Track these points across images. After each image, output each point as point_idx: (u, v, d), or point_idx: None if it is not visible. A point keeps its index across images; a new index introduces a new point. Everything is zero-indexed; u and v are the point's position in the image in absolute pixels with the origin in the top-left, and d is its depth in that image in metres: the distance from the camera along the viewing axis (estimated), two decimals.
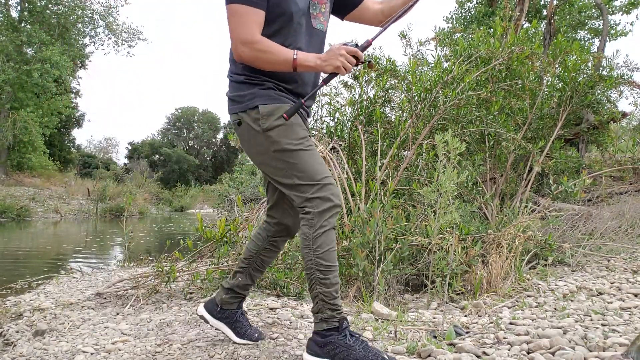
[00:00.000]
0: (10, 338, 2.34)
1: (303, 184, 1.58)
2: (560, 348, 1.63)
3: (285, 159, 1.59)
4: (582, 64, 4.47)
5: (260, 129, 1.60)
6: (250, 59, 1.58)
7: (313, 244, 1.57)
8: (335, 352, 1.54)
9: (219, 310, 1.88)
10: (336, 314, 1.58)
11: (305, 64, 1.55)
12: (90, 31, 23.56)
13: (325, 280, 1.57)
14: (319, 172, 1.59)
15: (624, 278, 2.83)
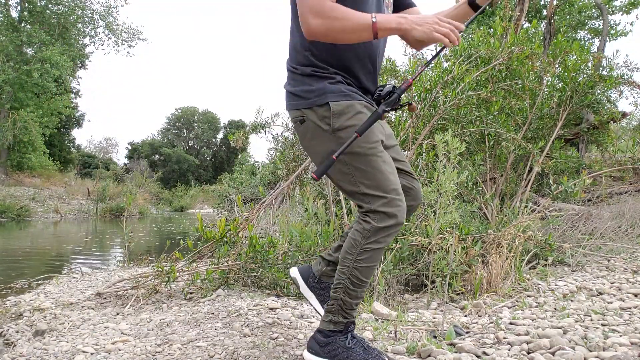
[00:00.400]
0: (10, 338, 2.34)
1: (370, 194, 1.45)
2: (560, 348, 1.63)
3: (354, 164, 1.45)
4: (582, 64, 4.47)
5: (329, 128, 1.45)
6: (322, 31, 1.36)
7: (359, 255, 1.48)
8: (335, 352, 1.52)
9: (317, 281, 1.74)
10: (345, 320, 1.55)
11: (387, 27, 1.34)
12: (90, 31, 23.58)
13: (353, 293, 1.51)
14: (390, 183, 1.45)
15: (624, 278, 2.83)
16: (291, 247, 3.18)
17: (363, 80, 1.54)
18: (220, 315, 2.33)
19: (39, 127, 20.99)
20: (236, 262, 2.96)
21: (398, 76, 4.52)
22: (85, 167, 31.95)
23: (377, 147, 1.47)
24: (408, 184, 1.65)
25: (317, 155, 1.53)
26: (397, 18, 1.35)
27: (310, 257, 3.11)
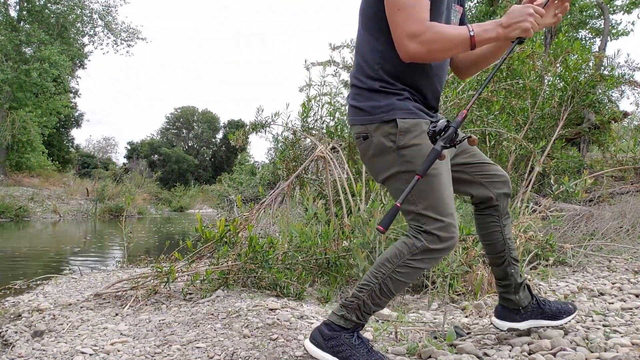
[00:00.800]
0: (9, 339, 2.33)
1: (427, 215, 1.43)
2: (562, 349, 1.62)
3: (418, 184, 1.40)
4: (584, 64, 4.47)
5: (393, 145, 1.44)
6: (423, 54, 1.37)
7: (398, 266, 1.46)
8: (338, 349, 1.50)
9: (523, 311, 1.75)
10: (357, 321, 1.53)
11: (487, 37, 1.33)
12: (89, 30, 23.58)
13: (377, 299, 1.50)
14: (448, 207, 1.43)
15: (626, 278, 2.82)
16: (291, 247, 3.17)
17: (429, 98, 1.54)
18: (219, 316, 2.32)
19: (37, 126, 20.98)
20: (236, 262, 2.94)
21: None
22: (84, 167, 31.95)
23: (439, 168, 1.44)
24: (491, 172, 1.65)
25: (377, 173, 1.52)
26: (493, 27, 1.35)
27: (310, 257, 3.10)
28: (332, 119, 4.39)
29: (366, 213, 3.02)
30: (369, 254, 2.76)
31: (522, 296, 1.73)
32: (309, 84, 4.45)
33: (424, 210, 1.43)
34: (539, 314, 1.75)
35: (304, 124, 4.37)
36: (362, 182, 3.45)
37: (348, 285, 2.90)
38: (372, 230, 2.76)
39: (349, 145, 4.21)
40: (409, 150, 1.43)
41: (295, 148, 4.66)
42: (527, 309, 1.75)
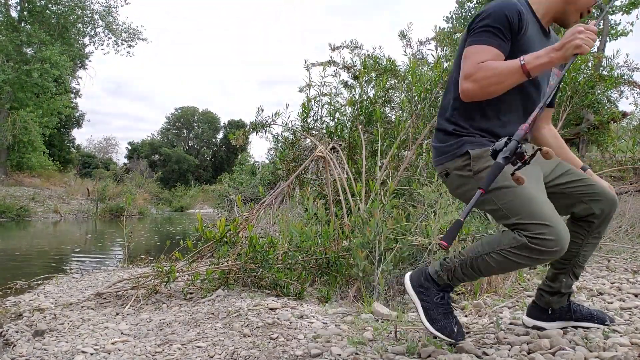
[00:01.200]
0: (10, 338, 2.33)
1: (525, 223, 1.43)
2: (561, 348, 1.63)
3: (503, 199, 1.46)
4: (583, 64, 4.48)
5: (470, 173, 1.54)
6: (477, 91, 1.46)
7: (495, 252, 1.49)
8: (422, 296, 1.66)
9: (551, 313, 1.82)
10: (447, 282, 1.64)
11: (539, 64, 1.38)
12: (90, 31, 23.57)
13: (465, 271, 1.59)
14: (545, 211, 1.42)
15: (624, 278, 2.83)
16: (291, 247, 3.18)
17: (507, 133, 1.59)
18: (220, 315, 2.33)
19: (38, 127, 20.98)
20: (236, 262, 2.95)
21: (398, 76, 4.51)
22: (85, 167, 31.97)
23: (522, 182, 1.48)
24: (596, 190, 1.66)
25: (468, 201, 1.55)
26: (546, 53, 1.38)
27: (310, 256, 3.11)
28: (332, 119, 4.39)
29: (366, 213, 3.03)
30: (368, 253, 2.77)
31: (555, 300, 1.80)
32: (309, 84, 4.46)
33: (520, 219, 1.44)
34: (567, 317, 1.81)
35: (304, 124, 4.38)
36: (361, 182, 3.46)
37: (348, 285, 2.91)
38: (372, 230, 2.77)
39: (348, 145, 4.22)
40: (485, 173, 1.48)
41: (295, 148, 4.66)
42: (556, 312, 1.81)
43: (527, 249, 1.42)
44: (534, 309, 1.86)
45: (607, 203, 1.67)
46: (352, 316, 2.28)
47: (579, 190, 1.66)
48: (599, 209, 1.67)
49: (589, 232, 1.72)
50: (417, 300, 1.69)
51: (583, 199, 1.67)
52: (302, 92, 4.65)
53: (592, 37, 1.38)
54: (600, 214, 1.68)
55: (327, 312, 2.40)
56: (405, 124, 3.92)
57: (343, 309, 2.46)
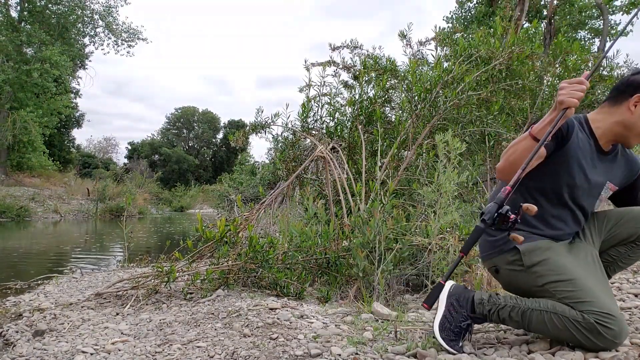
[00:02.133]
0: (10, 338, 2.33)
1: (582, 301, 1.49)
2: (561, 348, 1.63)
3: (559, 288, 1.54)
4: (583, 64, 4.47)
5: (523, 267, 1.61)
6: (502, 165, 1.58)
7: (555, 315, 1.52)
8: (451, 309, 1.69)
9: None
10: (484, 314, 1.66)
11: (542, 126, 1.49)
12: (90, 31, 23.57)
13: (512, 314, 1.60)
14: (606, 302, 1.48)
15: (624, 278, 2.83)
16: (291, 247, 3.18)
17: (549, 234, 1.66)
18: (220, 315, 2.33)
19: (38, 127, 20.97)
20: (236, 262, 2.95)
21: (398, 76, 4.51)
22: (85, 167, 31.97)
23: (574, 266, 1.56)
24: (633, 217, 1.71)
25: (528, 290, 1.64)
26: (549, 113, 1.49)
27: (310, 256, 3.11)
28: (331, 119, 4.39)
29: (366, 213, 3.03)
30: (368, 253, 2.77)
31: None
32: (309, 84, 4.46)
33: (578, 298, 1.50)
34: None
35: (304, 124, 4.38)
36: (361, 182, 3.46)
37: (348, 285, 2.91)
38: (372, 230, 2.77)
39: (348, 145, 4.22)
40: (539, 267, 1.59)
41: (295, 148, 4.66)
42: None
43: (593, 331, 1.46)
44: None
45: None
46: (352, 316, 2.28)
47: (623, 227, 1.72)
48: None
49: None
50: (443, 308, 1.70)
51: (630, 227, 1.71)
52: (302, 92, 4.66)
53: (576, 89, 1.45)
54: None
55: (327, 312, 2.40)
56: (405, 124, 3.92)
57: (343, 309, 2.46)
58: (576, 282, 1.53)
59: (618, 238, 1.75)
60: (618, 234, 1.74)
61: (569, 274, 1.54)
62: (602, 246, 1.76)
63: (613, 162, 1.71)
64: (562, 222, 1.68)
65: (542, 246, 1.61)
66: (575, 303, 1.50)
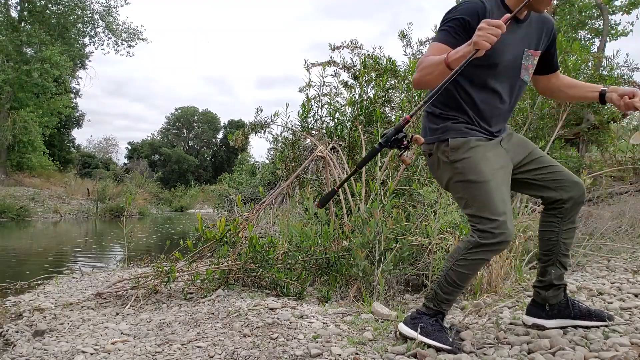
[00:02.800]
0: (10, 338, 2.33)
1: (479, 216, 1.66)
2: (561, 348, 1.63)
3: (467, 190, 1.69)
4: (583, 64, 4.48)
5: (448, 160, 1.72)
6: (418, 81, 1.66)
7: (458, 260, 1.71)
8: (415, 321, 1.78)
9: (549, 309, 1.87)
10: (436, 309, 1.77)
11: (456, 57, 1.53)
12: (90, 31, 23.54)
13: (445, 289, 1.74)
14: (499, 208, 1.64)
15: (624, 278, 2.83)
16: (291, 247, 3.18)
17: (481, 124, 1.74)
18: (220, 315, 2.33)
19: (38, 127, 20.98)
20: (236, 262, 2.95)
21: (398, 76, 4.51)
22: (85, 167, 31.92)
23: (487, 174, 1.67)
24: (562, 177, 1.79)
25: (442, 182, 1.81)
26: (464, 46, 1.52)
27: (310, 256, 3.11)
28: (331, 119, 4.39)
29: (366, 213, 3.03)
30: (368, 253, 2.77)
31: (550, 294, 1.85)
32: (309, 84, 4.46)
33: (477, 212, 1.67)
34: (566, 314, 1.84)
35: (304, 124, 4.38)
36: (362, 182, 3.46)
37: (348, 285, 2.90)
38: (372, 230, 2.77)
39: (348, 145, 4.22)
40: (460, 164, 1.70)
41: (295, 148, 4.66)
42: (554, 308, 1.85)
43: (480, 245, 1.65)
44: (532, 307, 1.91)
45: (574, 189, 1.79)
46: (352, 316, 2.28)
47: (547, 178, 1.80)
48: (568, 195, 1.78)
49: (562, 218, 1.81)
50: (411, 330, 1.78)
51: (551, 186, 1.79)
52: (302, 92, 4.65)
53: (492, 32, 1.45)
54: (569, 200, 1.79)
55: (327, 312, 2.40)
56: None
57: (343, 309, 2.46)
58: (480, 187, 1.66)
59: (535, 185, 1.82)
60: (537, 180, 1.80)
61: (482, 178, 1.66)
62: (517, 170, 1.80)
63: (529, 27, 1.74)
64: (490, 107, 1.73)
65: (470, 145, 1.69)
66: (475, 208, 1.66)
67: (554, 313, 1.85)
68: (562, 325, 1.84)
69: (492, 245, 1.64)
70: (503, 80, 1.73)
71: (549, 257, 1.84)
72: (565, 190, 1.78)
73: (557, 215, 1.81)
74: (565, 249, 1.83)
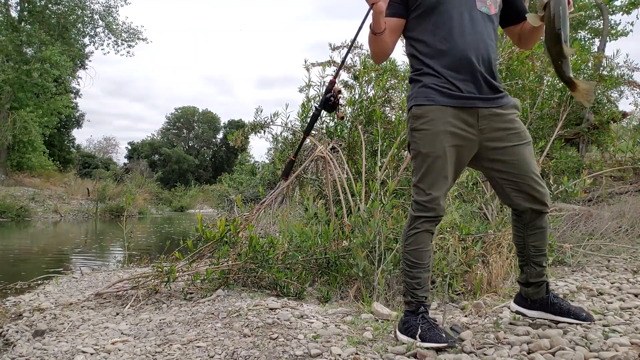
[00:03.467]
0: (10, 338, 2.33)
1: (417, 187, 1.75)
2: (561, 348, 1.63)
3: (416, 160, 1.75)
4: (583, 64, 4.48)
5: (410, 127, 1.77)
6: (377, 59, 1.82)
7: (405, 239, 1.80)
8: (406, 325, 1.80)
9: (531, 303, 1.93)
10: (414, 300, 1.79)
11: (372, 21, 1.67)
12: (90, 31, 23.52)
13: (409, 273, 1.79)
14: (436, 184, 1.70)
15: (624, 278, 2.83)
16: (291, 247, 3.18)
17: (451, 78, 1.69)
18: (220, 315, 2.33)
19: (38, 127, 20.96)
20: (236, 262, 2.95)
21: (398, 76, 4.51)
22: (85, 167, 31.91)
23: (439, 151, 1.68)
24: (521, 188, 1.74)
25: (409, 146, 1.85)
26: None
27: (310, 256, 3.11)
28: (331, 119, 4.39)
29: (366, 213, 3.03)
30: (369, 253, 2.77)
31: (531, 291, 1.90)
32: (309, 84, 4.46)
33: (417, 182, 1.75)
34: (547, 308, 1.89)
35: (304, 124, 4.38)
36: (361, 182, 3.46)
37: (348, 285, 2.90)
38: (372, 230, 2.77)
39: (348, 145, 4.22)
40: (417, 134, 1.74)
41: (295, 148, 4.66)
42: (536, 302, 1.91)
43: (414, 218, 1.75)
44: (518, 296, 1.99)
45: (532, 202, 1.75)
46: (352, 316, 2.28)
47: (505, 184, 1.76)
48: (523, 207, 1.76)
49: (526, 225, 1.81)
50: (408, 338, 1.78)
51: (508, 193, 1.77)
52: (302, 92, 4.65)
53: None
54: (525, 211, 1.77)
55: (327, 312, 2.40)
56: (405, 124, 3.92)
57: (343, 309, 2.46)
58: (431, 162, 1.70)
59: (495, 185, 1.81)
60: (499, 182, 1.78)
61: (433, 153, 1.69)
62: (483, 156, 1.76)
63: None
64: (454, 52, 1.68)
65: (430, 117, 1.69)
66: (417, 178, 1.74)
67: (537, 307, 1.92)
68: (543, 317, 1.90)
69: (425, 218, 1.73)
70: (454, 16, 1.68)
71: (522, 258, 1.88)
72: (522, 201, 1.75)
73: (519, 221, 1.83)
74: (537, 250, 1.83)
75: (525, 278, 1.89)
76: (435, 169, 1.70)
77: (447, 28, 1.68)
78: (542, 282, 1.88)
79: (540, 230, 1.81)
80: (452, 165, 1.72)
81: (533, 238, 1.82)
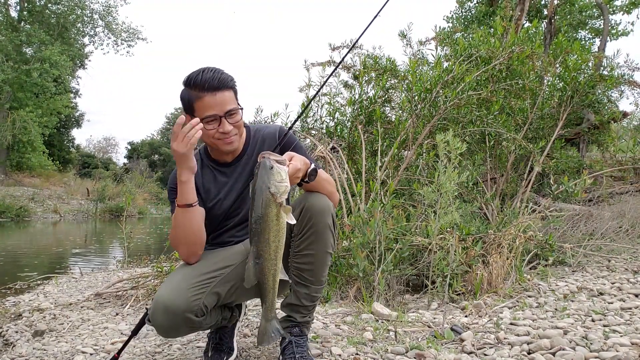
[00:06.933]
0: (9, 338, 2.33)
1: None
2: (561, 348, 1.63)
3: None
4: (583, 64, 4.47)
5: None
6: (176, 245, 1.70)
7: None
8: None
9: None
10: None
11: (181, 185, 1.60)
12: (89, 31, 23.54)
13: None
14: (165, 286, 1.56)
15: (625, 278, 2.83)
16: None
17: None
18: None
19: (38, 127, 20.96)
20: None
21: (398, 76, 4.51)
22: (85, 167, 31.90)
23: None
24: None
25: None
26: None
27: None
28: (331, 119, 4.39)
29: (366, 213, 3.03)
30: (368, 253, 2.77)
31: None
32: (309, 84, 4.46)
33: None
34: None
35: (304, 124, 4.38)
36: (362, 182, 3.46)
37: (348, 285, 2.90)
38: (372, 230, 2.76)
39: (348, 145, 4.21)
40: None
41: None
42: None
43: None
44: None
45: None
46: (352, 316, 2.28)
47: None
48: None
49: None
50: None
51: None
52: (301, 92, 4.64)
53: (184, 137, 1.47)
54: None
55: (327, 312, 2.40)
56: (405, 123, 3.92)
57: (343, 309, 2.46)
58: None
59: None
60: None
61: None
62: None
63: (240, 166, 1.74)
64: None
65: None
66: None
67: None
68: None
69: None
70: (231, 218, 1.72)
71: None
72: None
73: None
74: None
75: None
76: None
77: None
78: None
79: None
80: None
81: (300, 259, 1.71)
